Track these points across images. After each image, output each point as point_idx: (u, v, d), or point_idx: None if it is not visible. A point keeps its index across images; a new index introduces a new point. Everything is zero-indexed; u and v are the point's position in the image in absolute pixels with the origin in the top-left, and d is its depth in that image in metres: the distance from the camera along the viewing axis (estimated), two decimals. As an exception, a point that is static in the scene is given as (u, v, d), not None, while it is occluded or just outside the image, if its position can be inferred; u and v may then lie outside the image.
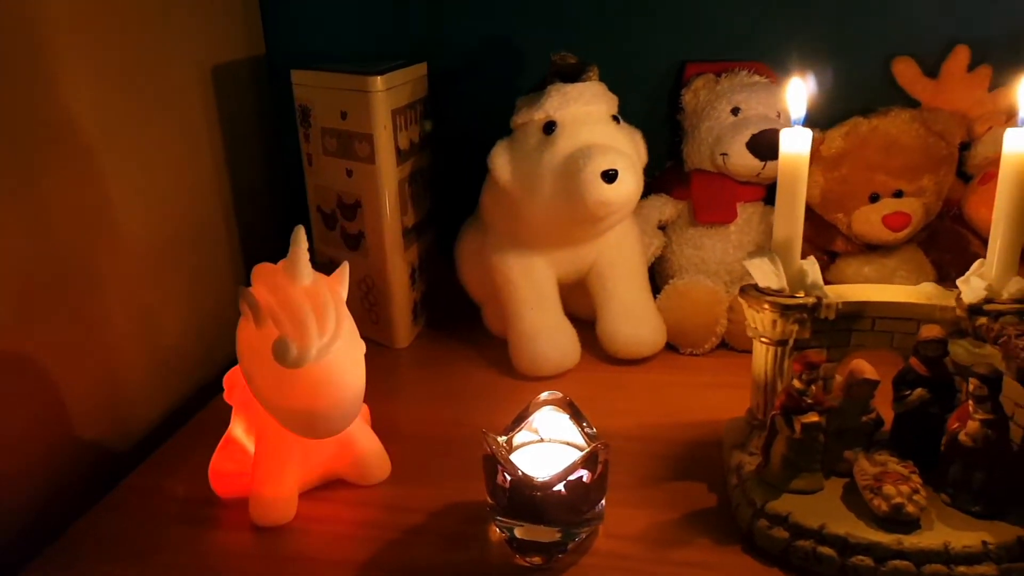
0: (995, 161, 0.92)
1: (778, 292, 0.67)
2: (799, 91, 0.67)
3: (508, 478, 0.61)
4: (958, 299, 0.66)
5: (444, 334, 1.05)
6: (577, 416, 0.67)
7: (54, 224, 0.74)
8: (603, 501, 0.65)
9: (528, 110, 0.88)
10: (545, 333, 0.93)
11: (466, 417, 0.85)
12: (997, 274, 0.65)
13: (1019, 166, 0.62)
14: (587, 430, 0.66)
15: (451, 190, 1.06)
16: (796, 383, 0.64)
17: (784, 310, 0.66)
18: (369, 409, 0.81)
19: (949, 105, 0.98)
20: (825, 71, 1.01)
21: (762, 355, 0.70)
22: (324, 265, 1.04)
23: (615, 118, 0.90)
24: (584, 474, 0.61)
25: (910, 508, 0.60)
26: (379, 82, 0.89)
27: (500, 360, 0.95)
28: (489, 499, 0.64)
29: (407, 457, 0.77)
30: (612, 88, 0.92)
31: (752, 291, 0.69)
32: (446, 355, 0.99)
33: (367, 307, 1.01)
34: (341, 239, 1.00)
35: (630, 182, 0.84)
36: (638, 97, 1.07)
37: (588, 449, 0.61)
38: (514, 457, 0.65)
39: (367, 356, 0.99)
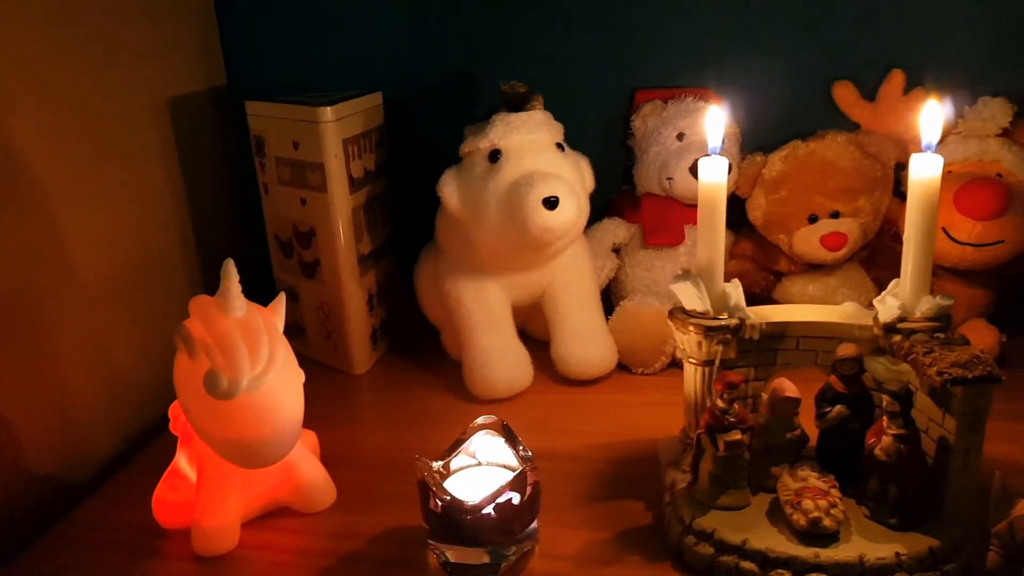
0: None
1: (702, 314, 0.70)
2: (718, 120, 0.70)
3: (439, 503, 0.63)
4: (875, 318, 0.68)
5: (404, 359, 1.06)
6: (512, 439, 0.69)
7: (2, 260, 0.76)
8: (535, 522, 0.67)
9: (474, 139, 0.91)
10: (497, 356, 0.95)
11: (419, 442, 0.86)
12: (910, 293, 0.67)
13: (926, 190, 0.65)
14: (522, 453, 0.68)
15: (411, 217, 1.09)
16: (719, 402, 0.66)
17: (708, 331, 0.69)
18: (318, 436, 0.83)
19: (886, 127, 1.01)
20: (771, 92, 1.05)
21: (691, 375, 0.72)
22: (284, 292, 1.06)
23: (560, 146, 0.93)
24: (514, 496, 0.63)
25: (827, 522, 0.62)
26: (328, 112, 0.92)
27: (457, 384, 0.97)
28: (424, 524, 0.66)
29: (356, 483, 0.79)
30: (568, 115, 0.95)
31: (679, 313, 0.71)
32: (404, 380, 1.01)
33: (325, 333, 1.03)
34: (298, 267, 1.02)
35: (571, 209, 0.86)
36: (594, 123, 1.11)
37: (516, 472, 0.63)
38: (451, 481, 0.67)
39: (324, 382, 1.03)
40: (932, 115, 0.65)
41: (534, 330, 1.06)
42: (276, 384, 0.62)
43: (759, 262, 1.04)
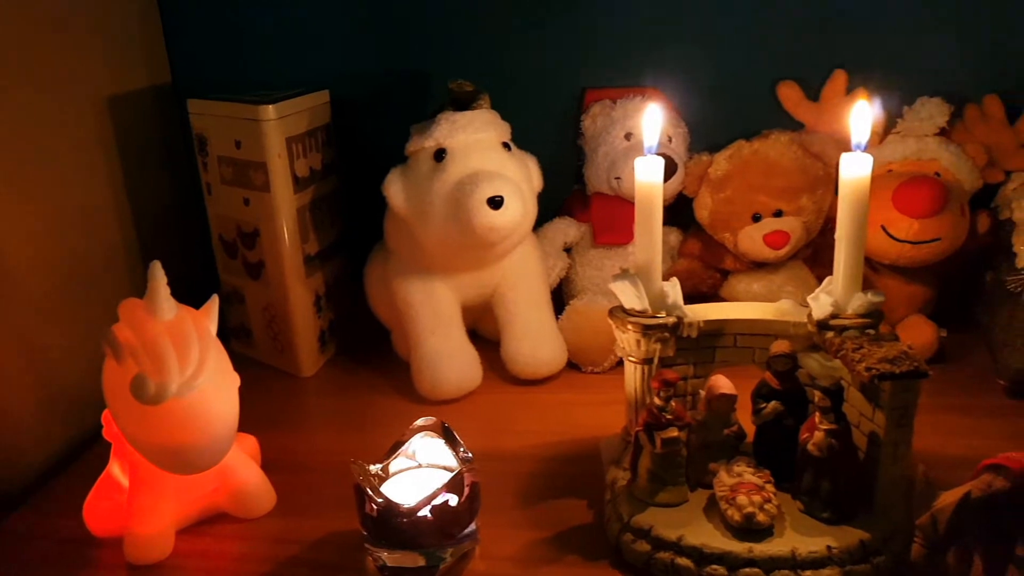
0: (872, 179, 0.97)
1: (641, 313, 0.70)
2: (655, 119, 0.70)
3: (375, 506, 0.62)
4: (809, 315, 0.69)
5: (354, 361, 1.06)
6: (451, 440, 0.68)
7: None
8: (475, 523, 0.67)
9: (420, 138, 0.90)
10: (446, 357, 0.94)
11: (364, 445, 0.85)
12: (842, 291, 0.68)
13: (856, 189, 0.66)
14: (461, 454, 0.67)
15: (361, 217, 1.08)
16: (656, 400, 0.67)
17: (646, 330, 0.69)
18: (262, 440, 0.82)
19: (830, 127, 1.02)
20: (718, 92, 1.06)
21: (631, 373, 0.73)
22: (230, 294, 1.04)
23: (506, 145, 0.93)
24: (451, 497, 0.63)
25: (761, 517, 0.63)
26: (270, 111, 0.91)
27: (406, 385, 0.96)
28: (361, 528, 0.65)
29: (298, 488, 0.78)
30: (520, 114, 0.95)
31: (619, 312, 0.72)
32: (353, 382, 1.00)
33: (271, 336, 1.02)
34: (243, 268, 1.01)
35: (516, 208, 0.86)
36: (546, 123, 1.11)
37: (454, 473, 0.63)
38: (389, 484, 0.67)
39: (271, 385, 1.02)
40: (862, 115, 0.67)
41: (485, 330, 1.05)
42: (207, 389, 0.61)
43: (706, 261, 1.05)
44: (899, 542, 0.64)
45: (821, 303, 0.68)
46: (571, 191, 1.12)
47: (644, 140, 0.70)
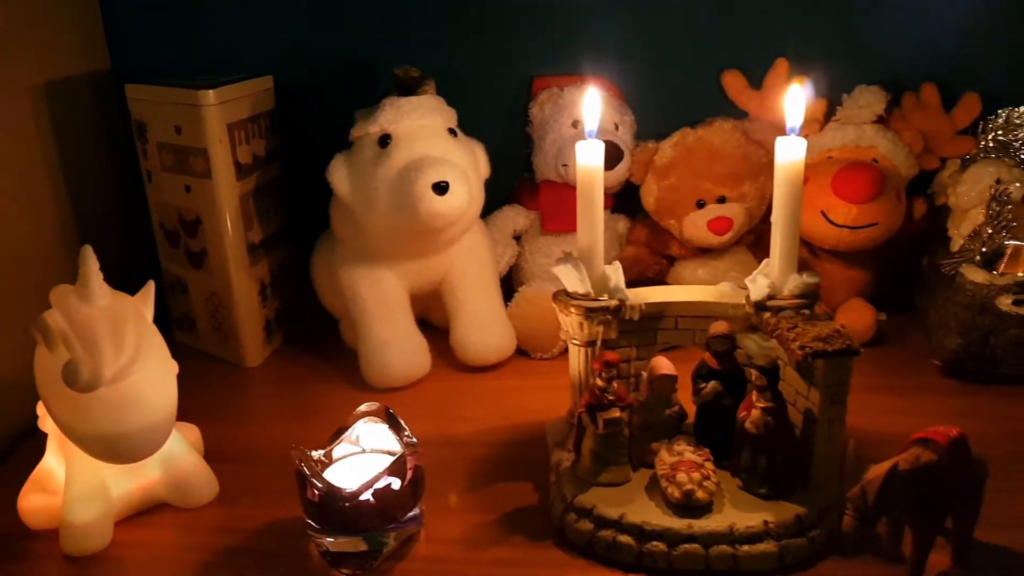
0: (811, 166, 0.99)
1: (584, 296, 0.71)
2: (594, 103, 0.71)
3: (317, 492, 0.62)
4: (747, 297, 0.70)
5: (301, 350, 1.05)
6: (395, 425, 0.68)
7: None
8: (419, 507, 0.67)
9: (364, 123, 0.90)
10: (394, 345, 0.94)
11: (310, 433, 0.83)
12: (779, 272, 0.70)
13: (791, 173, 0.67)
14: (405, 438, 0.67)
15: (308, 204, 1.06)
16: (598, 381, 0.67)
17: (588, 312, 0.70)
18: (206, 430, 0.80)
19: (773, 115, 1.04)
20: (665, 81, 1.07)
21: (575, 356, 0.73)
22: (172, 283, 1.03)
23: (452, 131, 0.92)
24: (393, 481, 0.63)
25: (700, 494, 0.64)
26: (211, 96, 0.89)
27: (355, 374, 0.95)
28: (304, 515, 0.65)
29: (242, 477, 0.77)
30: (469, 101, 0.94)
31: (562, 296, 0.72)
32: (301, 371, 1.00)
33: (215, 326, 1.00)
34: (185, 257, 0.99)
35: (462, 194, 0.86)
36: (495, 110, 1.11)
37: (396, 456, 0.63)
38: (333, 470, 0.67)
39: (215, 376, 1.00)
40: (796, 99, 0.68)
41: (435, 318, 1.05)
42: (143, 376, 0.60)
43: (653, 247, 1.06)
44: (834, 516, 0.65)
45: (758, 285, 0.69)
46: (520, 179, 1.13)
47: (585, 124, 0.71)
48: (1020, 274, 0.84)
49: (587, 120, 0.71)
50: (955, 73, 1.01)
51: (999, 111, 0.97)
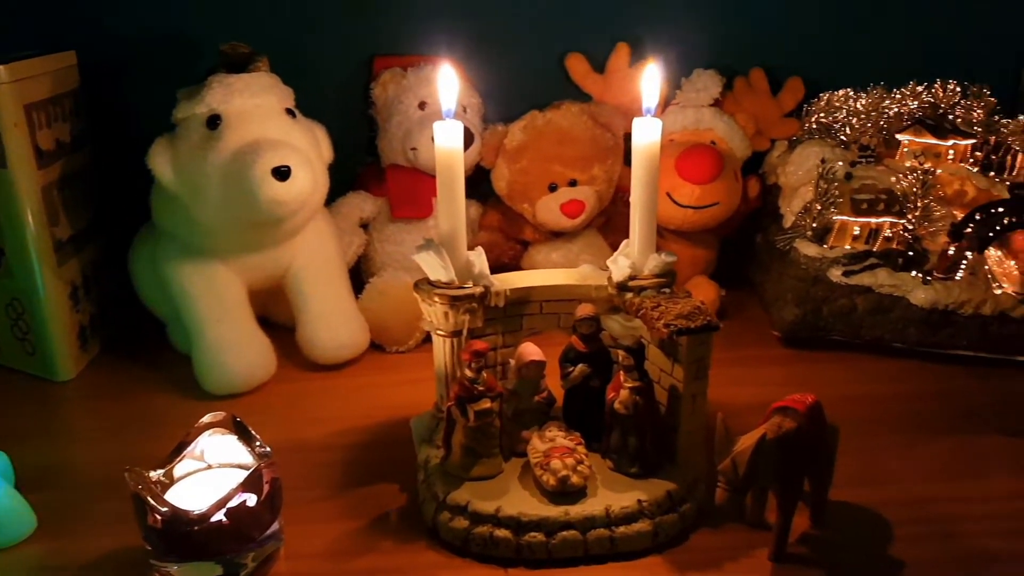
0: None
1: (447, 284, 0.67)
2: (451, 82, 0.68)
3: (159, 516, 0.55)
4: (609, 278, 0.70)
5: (124, 359, 0.94)
6: (245, 435, 0.62)
7: None
8: (278, 522, 0.61)
9: (189, 103, 0.81)
10: (234, 346, 0.86)
11: (143, 451, 0.75)
12: (639, 253, 0.70)
13: (648, 153, 0.68)
14: (258, 449, 0.61)
15: (123, 195, 0.96)
16: (467, 372, 0.64)
17: (453, 301, 0.67)
18: (12, 457, 0.69)
19: (616, 99, 1.06)
20: (511, 65, 1.05)
21: (440, 347, 0.70)
22: None
23: (290, 112, 0.86)
24: (248, 497, 0.57)
25: (575, 479, 0.63)
26: (3, 72, 0.77)
27: (189, 381, 0.87)
28: (145, 543, 0.57)
29: (64, 507, 0.68)
30: (302, 82, 0.88)
31: (424, 285, 0.68)
32: (125, 383, 0.89)
33: (19, 336, 0.87)
34: (-22, 259, 0.85)
35: (305, 179, 0.80)
36: (332, 91, 1.05)
37: (250, 470, 0.57)
38: (175, 491, 0.59)
39: (21, 394, 0.87)
40: (652, 79, 0.68)
41: (277, 315, 0.98)
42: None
43: (506, 232, 1.04)
44: (701, 489, 0.67)
45: (619, 266, 0.69)
46: (364, 164, 1.08)
47: (441, 105, 0.67)
48: (848, 247, 0.91)
49: (443, 100, 0.67)
50: (780, 58, 1.07)
51: (821, 95, 1.03)
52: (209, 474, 0.62)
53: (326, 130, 0.91)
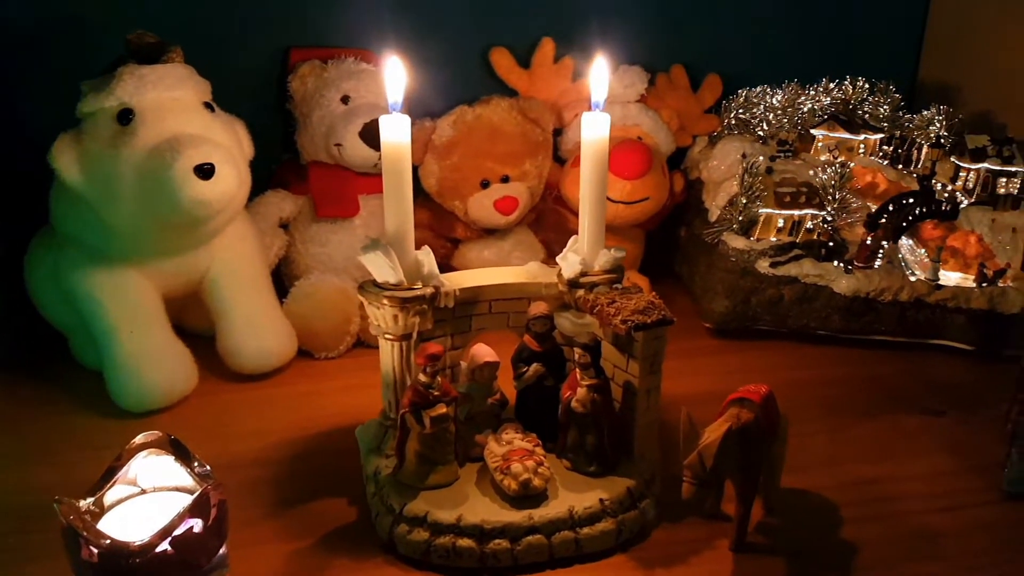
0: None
1: (396, 286, 0.64)
2: (397, 74, 0.65)
3: (95, 550, 0.49)
4: (559, 275, 0.69)
5: (20, 378, 0.86)
6: (183, 455, 0.57)
7: None
8: (224, 548, 0.56)
9: (96, 96, 0.75)
10: (150, 358, 0.80)
11: (58, 479, 0.69)
12: (589, 249, 0.69)
13: (597, 148, 0.67)
14: (198, 469, 0.56)
15: (16, 196, 0.87)
16: (421, 377, 0.62)
17: (404, 303, 0.64)
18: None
19: (542, 94, 1.05)
20: (433, 59, 1.02)
21: (388, 352, 0.67)
22: None
23: (208, 106, 0.80)
24: (195, 523, 0.52)
25: (537, 482, 0.62)
26: None
27: (101, 399, 0.80)
28: (75, 580, 0.51)
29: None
30: (210, 75, 0.83)
31: (370, 287, 0.65)
32: (22, 404, 0.82)
33: None
34: None
35: (231, 177, 0.75)
36: (243, 84, 0.99)
37: (195, 495, 0.52)
38: (108, 520, 0.54)
39: None
40: (600, 73, 0.67)
41: (192, 323, 0.91)
42: None
43: (436, 230, 1.02)
44: (658, 484, 0.67)
45: (570, 262, 0.68)
46: (280, 161, 1.02)
47: (388, 96, 0.64)
48: (773, 239, 0.93)
49: (389, 91, 0.64)
50: (698, 55, 1.09)
51: (739, 91, 1.06)
52: (144, 500, 0.57)
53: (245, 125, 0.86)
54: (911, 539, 0.64)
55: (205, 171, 0.73)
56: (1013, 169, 0.92)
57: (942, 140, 0.96)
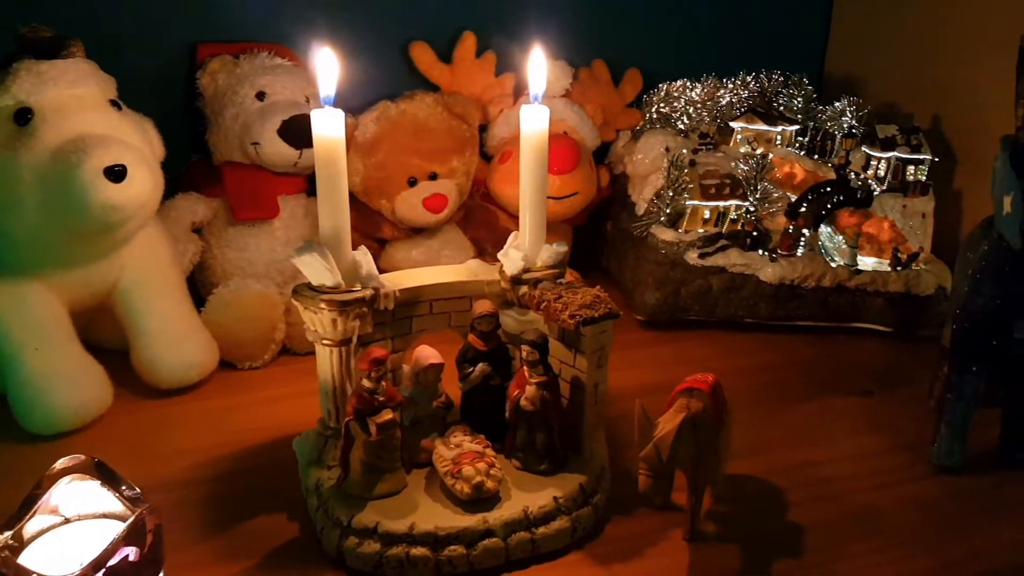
0: (510, 140, 1.00)
1: (334, 289, 0.61)
2: (328, 67, 0.62)
3: (16, 590, 0.45)
4: (501, 272, 0.68)
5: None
6: (110, 479, 0.53)
7: None
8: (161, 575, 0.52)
9: (-10, 94, 0.68)
10: (58, 377, 0.75)
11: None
12: (530, 244, 0.68)
13: (536, 142, 0.66)
14: (127, 493, 0.52)
15: None
16: (366, 382, 0.59)
17: (343, 307, 0.61)
18: None
19: (465, 89, 1.03)
20: (350, 53, 0.99)
21: (327, 358, 0.64)
22: None
23: (115, 103, 0.75)
24: (130, 552, 0.48)
25: (490, 484, 0.60)
26: None
27: (7, 423, 0.74)
28: (-6, 623, 0.47)
29: None
30: (111, 72, 0.78)
31: (306, 291, 0.62)
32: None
33: None
34: None
35: (144, 179, 0.71)
36: (146, 82, 0.93)
37: (129, 521, 0.48)
38: (29, 554, 0.49)
39: None
40: (538, 65, 0.66)
41: (99, 337, 0.85)
42: None
43: (361, 231, 0.98)
44: (608, 479, 0.66)
45: (512, 258, 0.67)
46: (189, 162, 0.97)
47: (320, 89, 0.61)
48: (700, 230, 0.95)
49: (322, 84, 0.61)
50: (618, 50, 1.10)
51: (659, 85, 1.08)
52: (68, 529, 0.52)
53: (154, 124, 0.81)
54: (857, 518, 0.65)
55: (116, 173, 0.68)
56: (921, 157, 0.97)
57: (854, 130, 1.00)
